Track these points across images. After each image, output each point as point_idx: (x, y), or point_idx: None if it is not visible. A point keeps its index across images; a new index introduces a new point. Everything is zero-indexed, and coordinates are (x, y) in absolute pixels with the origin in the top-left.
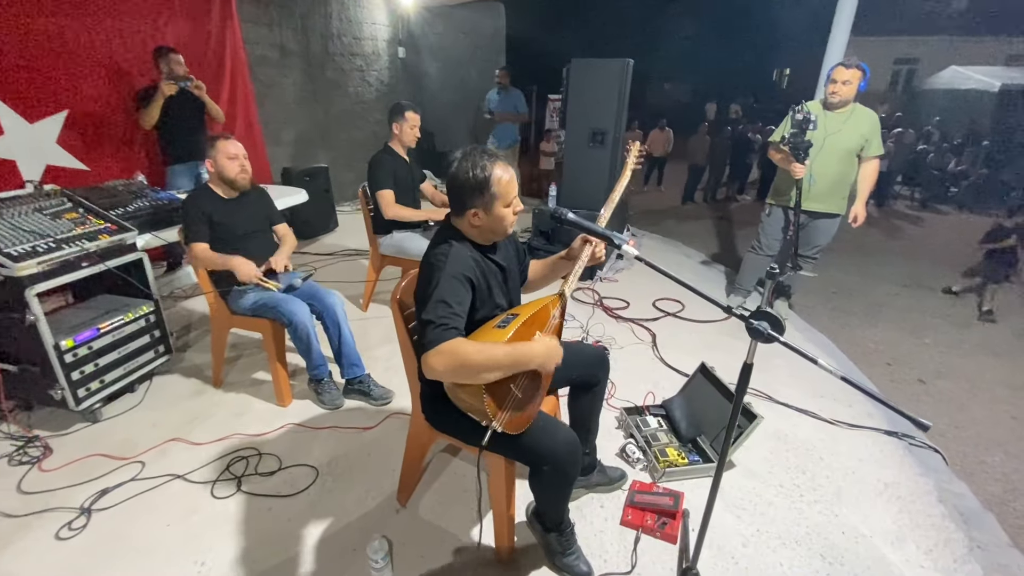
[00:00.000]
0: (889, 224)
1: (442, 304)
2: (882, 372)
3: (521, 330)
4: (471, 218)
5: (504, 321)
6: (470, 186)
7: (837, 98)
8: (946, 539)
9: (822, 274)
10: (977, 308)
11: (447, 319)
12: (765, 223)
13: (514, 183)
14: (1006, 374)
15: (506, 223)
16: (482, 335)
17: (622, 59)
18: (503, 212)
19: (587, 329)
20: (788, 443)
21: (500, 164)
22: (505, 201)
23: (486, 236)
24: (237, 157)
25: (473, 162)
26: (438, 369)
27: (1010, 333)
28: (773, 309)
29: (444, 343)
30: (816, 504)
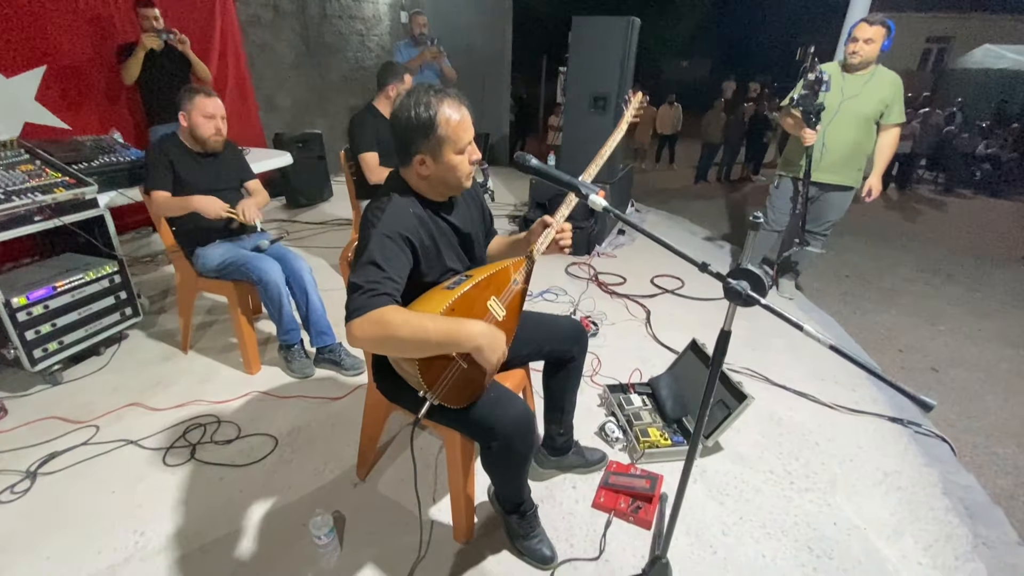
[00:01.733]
0: (910, 208)
1: (372, 267)
2: (893, 358)
3: (471, 293)
4: (418, 167)
5: (455, 282)
6: (413, 127)
7: (858, 58)
8: (948, 534)
9: (836, 257)
10: None
11: (376, 284)
12: (773, 195)
13: (467, 126)
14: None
15: (459, 173)
16: (426, 299)
17: (626, 16)
18: (455, 160)
19: (577, 304)
20: (783, 427)
21: (449, 102)
22: (456, 146)
23: (438, 190)
24: (214, 117)
25: (416, 99)
26: (360, 338)
27: None
28: (779, 288)
29: (371, 311)
30: (808, 492)
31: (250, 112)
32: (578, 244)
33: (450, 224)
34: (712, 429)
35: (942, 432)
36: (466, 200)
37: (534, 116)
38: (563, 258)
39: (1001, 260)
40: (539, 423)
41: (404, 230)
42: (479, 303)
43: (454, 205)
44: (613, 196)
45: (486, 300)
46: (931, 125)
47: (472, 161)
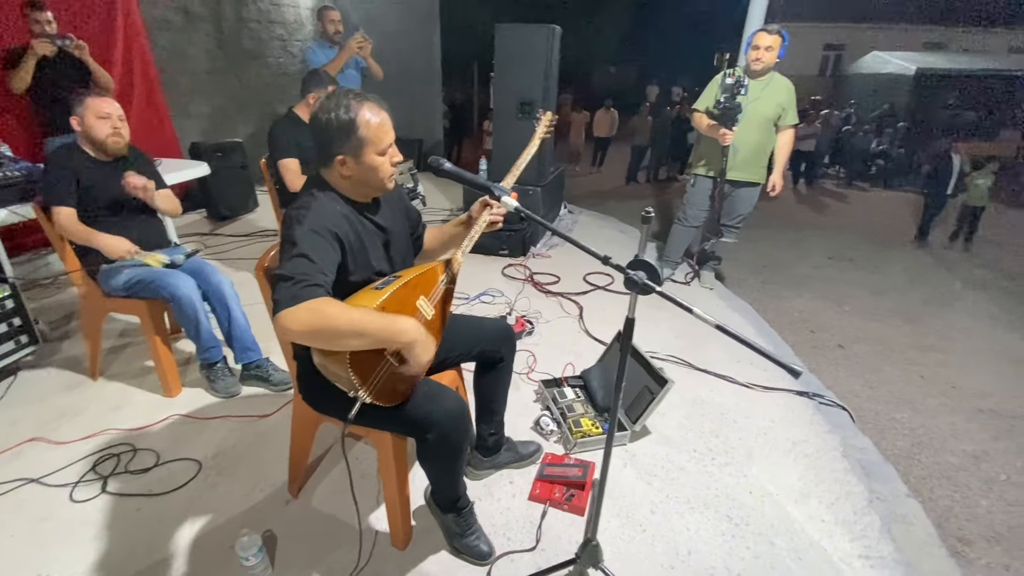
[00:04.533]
0: (817, 201)
1: (302, 259)
2: (806, 339)
3: (401, 292)
4: (340, 167)
5: (384, 282)
6: (333, 129)
7: (760, 64)
8: (847, 492)
9: (754, 248)
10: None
11: (307, 275)
12: (691, 194)
13: (387, 129)
14: (917, 338)
15: (381, 174)
16: (356, 298)
17: (548, 25)
18: (376, 161)
19: (513, 305)
20: (704, 408)
21: (369, 105)
22: (377, 148)
23: (360, 190)
24: (109, 116)
25: (336, 102)
26: (294, 329)
27: (920, 301)
28: (700, 279)
29: (305, 300)
30: (727, 466)
31: (162, 121)
32: (513, 246)
33: (376, 225)
34: (638, 415)
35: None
36: (390, 201)
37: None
38: (500, 260)
39: (894, 244)
40: None
41: (332, 226)
42: (408, 303)
43: (379, 206)
44: (545, 198)
45: (415, 300)
46: (831, 125)
47: (393, 163)
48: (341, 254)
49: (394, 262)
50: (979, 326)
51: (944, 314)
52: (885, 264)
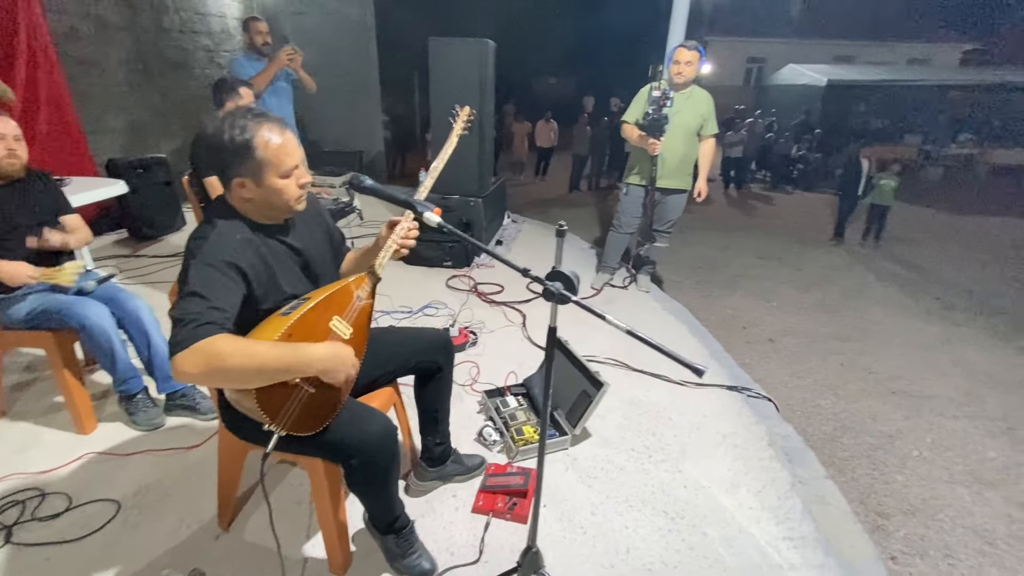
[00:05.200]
0: (746, 204)
1: (195, 298)
2: (739, 335)
3: (309, 316)
4: (239, 190)
5: (291, 307)
6: (228, 151)
7: (683, 78)
8: (772, 478)
9: (690, 251)
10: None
11: (199, 314)
12: (624, 202)
13: (290, 150)
14: (837, 329)
15: (286, 197)
16: (259, 328)
17: (481, 40)
18: (280, 184)
19: (457, 316)
20: (641, 408)
21: (269, 126)
22: (280, 170)
23: (265, 213)
24: (4, 137)
25: (232, 122)
26: (190, 372)
27: (839, 294)
28: (637, 282)
29: (196, 342)
30: (663, 463)
31: (72, 136)
32: (457, 257)
33: (288, 246)
34: (578, 418)
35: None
36: (307, 220)
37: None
38: (443, 272)
39: (815, 242)
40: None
41: (230, 257)
42: (320, 326)
43: (291, 226)
44: (487, 209)
45: (327, 321)
46: (755, 133)
47: (301, 184)
48: (245, 284)
49: (311, 284)
50: (890, 316)
51: (860, 306)
52: (808, 261)
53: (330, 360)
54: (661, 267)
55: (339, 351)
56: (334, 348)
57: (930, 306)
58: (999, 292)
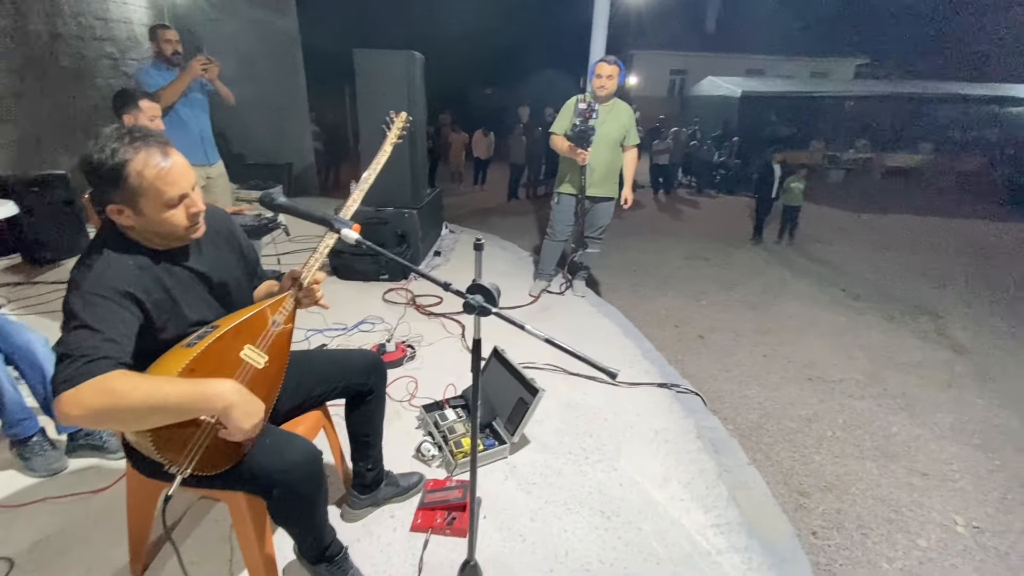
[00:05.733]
0: (674, 208)
1: (84, 330)
2: (671, 333)
3: (216, 347)
4: (117, 216)
5: (197, 336)
6: (99, 175)
7: (605, 91)
8: (700, 469)
9: (624, 255)
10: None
11: (92, 348)
12: (556, 211)
13: (175, 178)
14: (759, 323)
15: (174, 226)
16: (159, 362)
17: (408, 51)
18: (163, 215)
19: (393, 331)
20: (578, 410)
21: (149, 151)
22: (162, 199)
23: (153, 240)
24: None
25: (104, 144)
26: (76, 414)
27: (759, 290)
28: (573, 288)
29: (89, 379)
30: (600, 463)
31: None
32: (394, 270)
33: (192, 271)
34: (516, 426)
35: (707, 385)
36: (214, 242)
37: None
38: (380, 285)
39: (738, 242)
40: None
41: (123, 285)
42: (229, 356)
43: (196, 249)
44: (423, 220)
45: (238, 351)
46: (680, 141)
47: (191, 213)
48: (142, 314)
49: (221, 310)
50: (804, 308)
51: (778, 300)
52: (731, 261)
53: (236, 399)
54: (598, 271)
55: (244, 395)
56: (239, 390)
57: (837, 297)
58: (895, 282)
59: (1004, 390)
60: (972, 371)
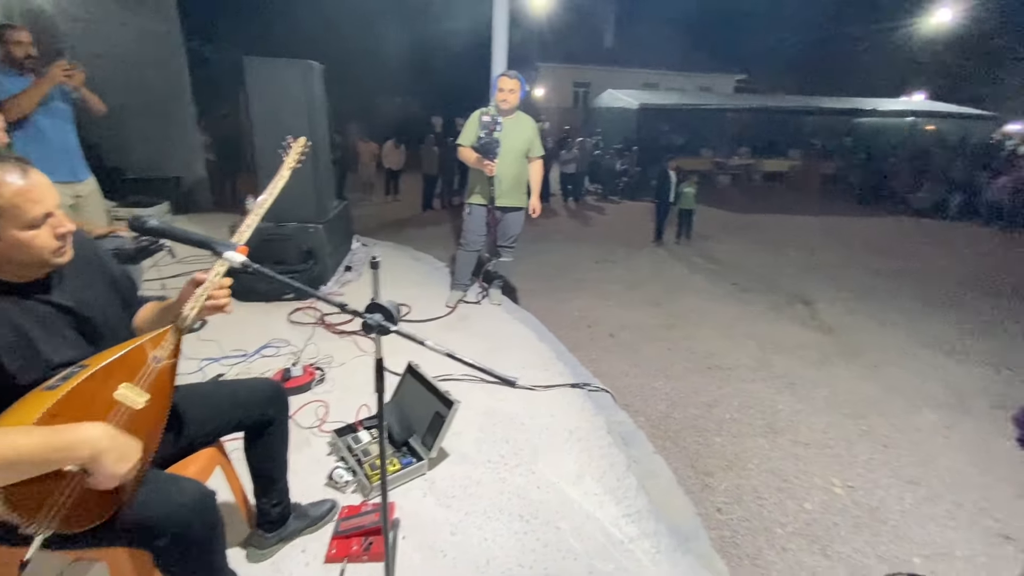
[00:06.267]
0: (584, 214)
1: None
2: (584, 333)
3: (84, 388)
4: None
5: (61, 378)
6: None
7: (508, 104)
8: (611, 463)
9: (540, 260)
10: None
11: None
12: (468, 221)
13: (38, 195)
14: (663, 319)
15: (36, 251)
16: (13, 409)
17: (303, 61)
18: (23, 236)
19: (300, 353)
20: (496, 418)
21: (3, 167)
22: (22, 220)
23: (10, 269)
24: None
25: None
26: None
27: (662, 289)
28: (489, 296)
29: None
30: (517, 468)
31: None
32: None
33: (54, 306)
34: (434, 440)
35: (618, 381)
36: (80, 271)
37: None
38: (284, 306)
39: (641, 245)
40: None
41: None
42: (100, 397)
43: (57, 281)
44: (330, 235)
45: (112, 390)
46: (586, 150)
47: (58, 234)
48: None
49: (89, 347)
50: (702, 302)
51: (679, 297)
52: (636, 262)
53: (105, 445)
54: (516, 277)
55: (116, 437)
56: (108, 432)
57: (729, 291)
58: (776, 274)
59: (867, 364)
60: (840, 349)
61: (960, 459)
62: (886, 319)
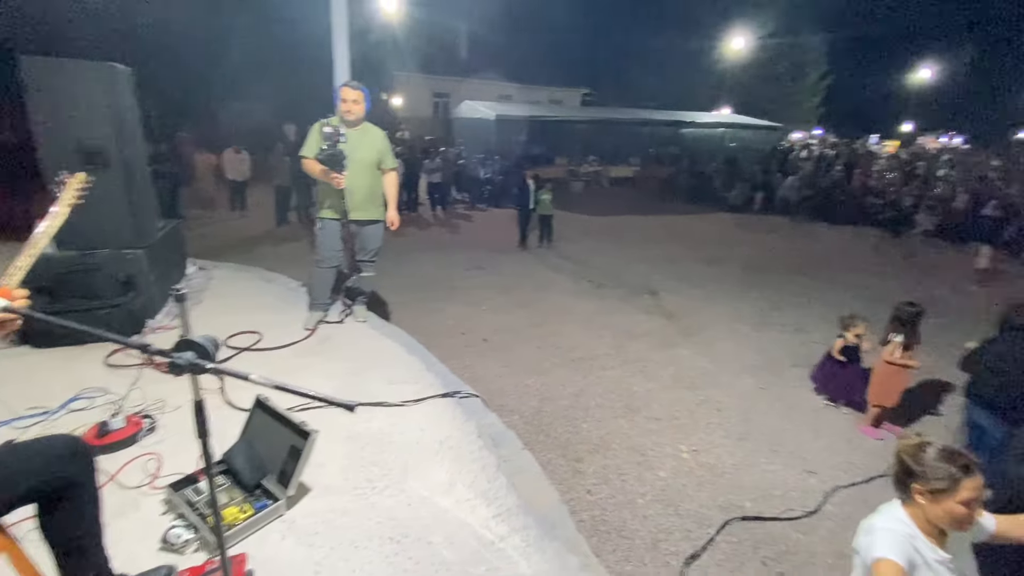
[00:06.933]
0: (452, 223)
1: None
2: (459, 340)
3: None
4: None
5: None
6: None
7: (353, 116)
8: (482, 466)
9: (410, 272)
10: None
11: None
12: (321, 237)
13: None
14: (532, 319)
15: None
16: None
17: (106, 64)
18: None
19: (122, 402)
20: (363, 440)
21: None
22: None
23: None
24: None
25: None
26: None
27: (530, 290)
28: (354, 314)
29: None
30: (387, 490)
31: None
32: (122, 325)
33: None
34: (290, 476)
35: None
36: None
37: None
38: (99, 348)
39: (508, 250)
40: None
41: None
42: None
43: None
44: (156, 260)
45: None
46: (449, 160)
47: None
48: None
49: None
50: (565, 300)
51: (544, 297)
52: (505, 267)
53: None
54: (386, 291)
55: None
56: None
57: (587, 288)
58: (626, 270)
59: (701, 341)
60: (681, 331)
61: (774, 413)
62: (715, 301)
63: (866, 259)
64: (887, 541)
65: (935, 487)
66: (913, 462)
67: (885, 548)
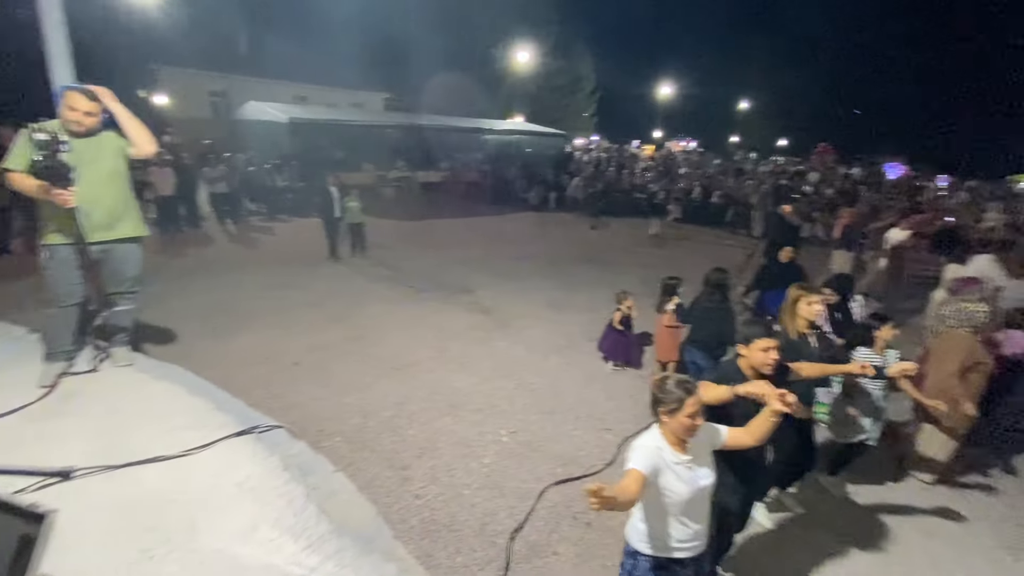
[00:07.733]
0: (248, 237)
1: None
2: (262, 368)
3: None
4: None
5: None
6: None
7: (83, 128)
8: (289, 500)
9: (191, 298)
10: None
11: None
12: (52, 269)
13: None
14: (348, 332)
15: None
16: None
17: None
18: None
19: None
20: (135, 506)
21: None
22: None
23: None
24: None
25: None
26: None
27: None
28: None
29: None
30: (170, 555)
31: None
32: None
33: None
34: None
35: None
36: None
37: None
38: None
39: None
40: None
41: None
42: None
43: None
44: None
45: None
46: (236, 168)
47: None
48: None
49: None
50: (383, 309)
51: (361, 308)
52: (315, 281)
53: None
54: (169, 322)
55: None
56: None
57: (407, 293)
58: (443, 272)
59: (515, 331)
60: (497, 324)
61: (575, 384)
62: (523, 293)
63: (638, 244)
64: (636, 454)
65: (670, 407)
66: (658, 391)
67: (634, 460)
